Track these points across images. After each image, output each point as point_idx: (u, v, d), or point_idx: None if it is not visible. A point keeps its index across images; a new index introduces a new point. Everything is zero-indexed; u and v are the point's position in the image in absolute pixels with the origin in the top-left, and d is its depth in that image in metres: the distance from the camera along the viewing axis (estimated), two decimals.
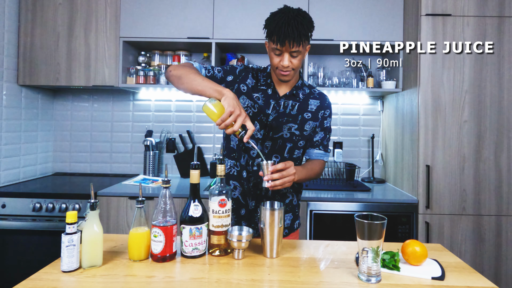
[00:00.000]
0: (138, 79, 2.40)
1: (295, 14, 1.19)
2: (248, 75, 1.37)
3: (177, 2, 2.33)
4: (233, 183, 1.38)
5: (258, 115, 1.32)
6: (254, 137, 1.32)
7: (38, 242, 1.96)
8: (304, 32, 1.19)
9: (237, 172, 1.37)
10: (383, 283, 0.90)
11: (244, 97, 1.33)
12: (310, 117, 1.37)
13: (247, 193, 1.36)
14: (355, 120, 2.66)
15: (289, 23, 1.16)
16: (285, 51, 1.21)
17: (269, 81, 1.36)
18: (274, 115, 1.33)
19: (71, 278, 0.90)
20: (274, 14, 1.22)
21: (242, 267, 0.98)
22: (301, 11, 1.22)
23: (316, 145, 1.40)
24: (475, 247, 1.98)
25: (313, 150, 1.40)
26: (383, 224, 0.88)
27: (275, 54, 1.24)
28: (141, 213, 1.03)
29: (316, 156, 1.40)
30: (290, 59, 1.23)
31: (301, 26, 1.17)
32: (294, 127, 1.34)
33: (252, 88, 1.35)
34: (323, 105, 1.39)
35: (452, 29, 2.00)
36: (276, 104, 1.34)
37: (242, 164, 1.36)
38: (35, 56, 2.32)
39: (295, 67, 1.25)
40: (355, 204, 2.02)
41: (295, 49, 1.20)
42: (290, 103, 1.35)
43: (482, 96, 1.99)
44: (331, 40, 2.29)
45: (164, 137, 2.67)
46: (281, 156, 1.35)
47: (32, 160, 2.48)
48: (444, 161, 1.99)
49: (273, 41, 1.21)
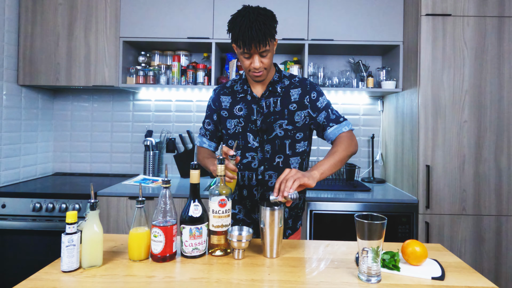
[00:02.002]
0: (138, 79, 2.40)
1: (256, 14, 1.16)
2: (220, 98, 1.39)
3: (177, 2, 2.33)
4: (238, 207, 1.40)
5: (246, 126, 1.33)
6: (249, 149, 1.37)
7: (38, 242, 1.96)
8: (269, 31, 1.17)
9: (238, 196, 1.39)
10: (383, 283, 0.90)
11: (229, 120, 1.36)
12: (296, 108, 1.33)
13: (252, 210, 1.37)
14: (355, 120, 2.66)
15: (251, 26, 1.14)
16: (253, 53, 1.20)
17: (246, 87, 1.35)
18: (260, 119, 1.32)
19: (71, 278, 0.90)
20: (234, 17, 1.20)
21: (242, 267, 0.98)
22: (261, 9, 1.20)
23: (325, 125, 1.33)
24: (475, 247, 1.98)
25: (327, 131, 1.32)
26: (383, 224, 0.88)
27: (245, 58, 1.23)
28: (141, 213, 1.03)
29: (333, 133, 1.31)
30: (261, 60, 1.22)
31: (264, 26, 1.15)
32: (284, 122, 1.32)
33: (232, 105, 1.36)
34: (305, 90, 1.34)
35: (452, 29, 2.00)
36: (258, 107, 1.33)
37: (240, 185, 1.37)
38: (35, 56, 2.32)
39: (267, 66, 1.25)
40: (355, 204, 2.02)
41: (263, 49, 1.19)
42: (271, 100, 1.33)
43: (482, 96, 1.99)
44: (331, 40, 2.29)
45: (164, 137, 2.67)
46: (284, 155, 1.33)
47: (32, 160, 2.48)
48: (444, 161, 1.99)
49: (239, 46, 1.20)
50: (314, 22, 2.30)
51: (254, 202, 1.36)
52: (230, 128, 1.36)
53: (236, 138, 1.35)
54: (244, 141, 1.34)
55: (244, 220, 1.40)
